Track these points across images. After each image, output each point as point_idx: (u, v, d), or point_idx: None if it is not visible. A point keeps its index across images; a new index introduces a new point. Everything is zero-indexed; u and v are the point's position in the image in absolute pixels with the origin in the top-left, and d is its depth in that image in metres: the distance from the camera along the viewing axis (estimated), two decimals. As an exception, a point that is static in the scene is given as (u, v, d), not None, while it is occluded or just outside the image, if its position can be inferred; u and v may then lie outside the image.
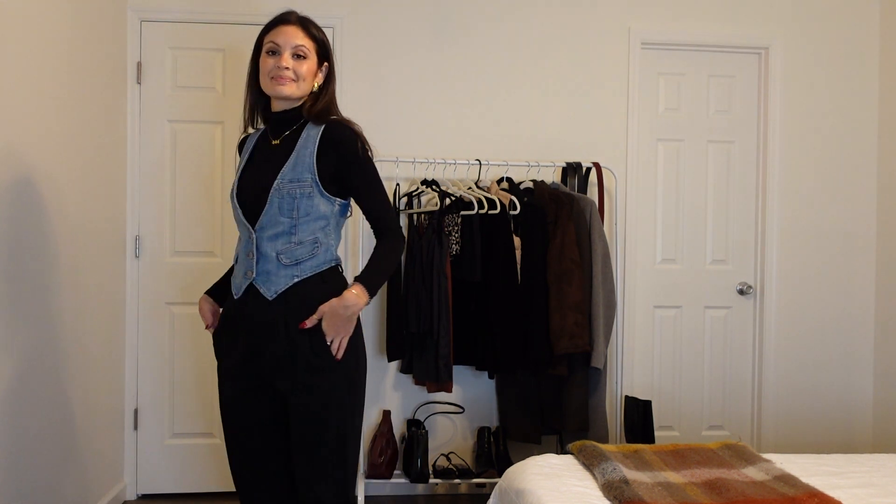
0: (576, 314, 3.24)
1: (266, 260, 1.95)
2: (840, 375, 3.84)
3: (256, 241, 1.95)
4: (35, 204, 2.50)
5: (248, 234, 1.97)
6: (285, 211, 1.93)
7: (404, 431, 3.55)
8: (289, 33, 1.98)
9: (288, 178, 1.94)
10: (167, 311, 3.51)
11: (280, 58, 1.96)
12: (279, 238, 1.94)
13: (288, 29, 1.98)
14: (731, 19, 3.76)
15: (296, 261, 1.94)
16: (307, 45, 1.98)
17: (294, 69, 1.96)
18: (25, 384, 2.45)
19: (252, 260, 1.95)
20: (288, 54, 1.96)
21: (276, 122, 2.04)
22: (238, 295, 1.98)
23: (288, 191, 1.93)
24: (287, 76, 1.96)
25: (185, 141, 3.51)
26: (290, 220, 1.93)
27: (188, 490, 3.53)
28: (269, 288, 1.94)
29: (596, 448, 2.40)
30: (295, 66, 1.96)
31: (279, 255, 1.94)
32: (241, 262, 2.00)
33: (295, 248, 1.94)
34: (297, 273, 1.94)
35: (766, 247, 3.78)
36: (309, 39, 1.99)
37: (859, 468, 2.42)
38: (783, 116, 3.78)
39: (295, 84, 1.97)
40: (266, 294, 1.94)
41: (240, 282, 1.99)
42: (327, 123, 2.00)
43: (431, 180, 3.44)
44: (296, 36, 1.98)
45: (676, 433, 3.78)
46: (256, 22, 3.47)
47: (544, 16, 3.66)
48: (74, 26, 2.83)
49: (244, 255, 1.99)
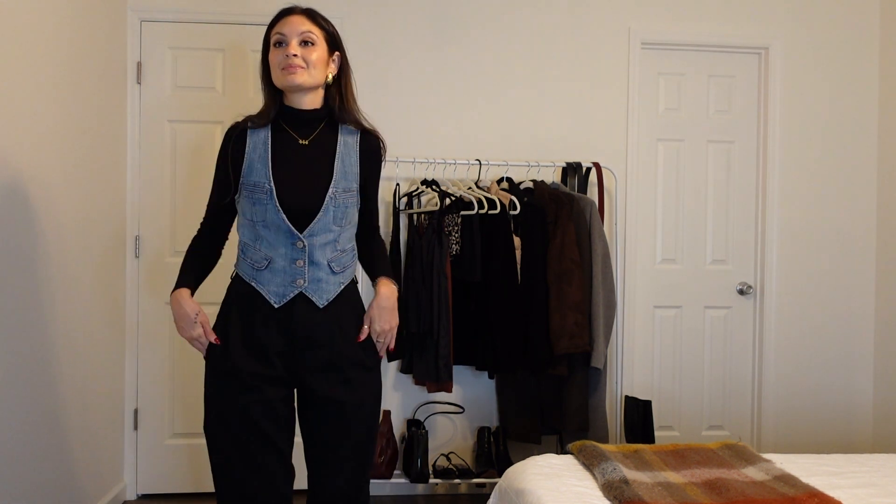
0: (576, 314, 3.24)
1: (318, 268, 1.91)
2: (840, 375, 3.84)
3: (308, 249, 1.90)
4: (35, 204, 2.50)
5: (292, 242, 1.89)
6: (338, 219, 1.92)
7: (404, 431, 3.55)
8: (294, 22, 1.91)
9: (342, 188, 1.92)
10: (167, 311, 3.51)
11: (288, 47, 1.89)
12: (328, 246, 1.92)
13: (293, 18, 1.92)
14: (731, 19, 3.76)
15: (343, 268, 1.96)
16: (315, 32, 1.92)
17: (303, 56, 1.89)
18: (25, 384, 2.45)
19: (302, 268, 1.90)
20: (296, 41, 1.89)
21: (300, 121, 1.97)
22: (280, 304, 1.90)
23: (343, 200, 1.92)
24: (297, 63, 1.89)
25: (185, 141, 3.51)
26: (339, 228, 1.93)
27: (188, 490, 3.53)
28: (322, 296, 1.92)
29: (596, 448, 2.40)
30: (304, 53, 1.89)
31: (330, 264, 1.93)
32: (282, 269, 1.90)
33: (341, 255, 1.96)
34: (342, 280, 1.97)
35: (766, 247, 3.78)
36: (316, 26, 1.93)
37: (859, 468, 2.42)
38: (783, 116, 3.78)
39: (306, 72, 1.90)
40: (318, 302, 1.92)
41: (282, 290, 1.90)
42: (362, 132, 2.01)
43: (431, 180, 3.44)
44: (302, 23, 1.91)
45: (676, 433, 3.78)
46: (256, 22, 3.49)
47: (544, 16, 3.66)
48: (74, 26, 2.83)
49: (287, 262, 1.90)
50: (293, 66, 1.88)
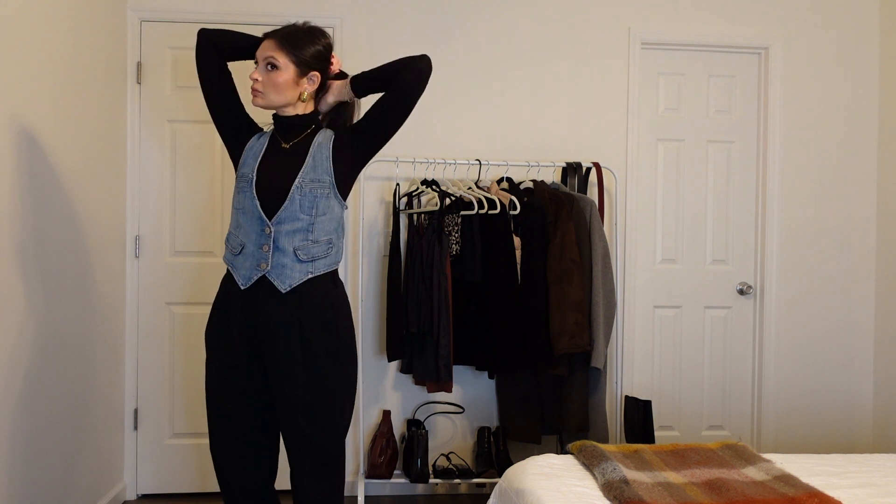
0: (576, 314, 3.24)
1: (282, 254, 2.05)
2: (840, 375, 3.84)
3: (274, 235, 2.04)
4: (34, 204, 2.50)
5: (261, 228, 2.06)
6: (305, 208, 2.05)
7: (404, 431, 3.55)
8: (263, 47, 2.10)
9: (309, 178, 2.07)
10: (167, 311, 3.51)
11: (254, 71, 2.09)
12: (297, 234, 2.05)
13: (264, 43, 2.11)
14: (731, 19, 3.76)
15: (312, 258, 2.07)
16: (278, 57, 2.07)
17: (266, 79, 2.07)
18: (25, 384, 2.45)
19: (267, 253, 2.05)
20: (261, 66, 2.09)
21: (284, 127, 2.16)
22: (246, 286, 2.06)
23: (310, 189, 2.06)
24: (255, 88, 2.09)
25: (185, 141, 3.51)
26: (309, 217, 2.06)
27: (188, 490, 3.53)
28: (284, 281, 2.05)
29: (596, 448, 2.40)
30: (266, 77, 2.07)
31: (297, 251, 2.05)
32: (251, 254, 2.07)
33: (311, 245, 2.07)
34: (311, 269, 2.07)
35: (766, 247, 3.78)
36: (281, 51, 2.07)
37: (859, 468, 2.42)
38: (783, 116, 3.78)
39: (263, 96, 2.08)
40: (280, 287, 2.05)
41: (248, 273, 2.07)
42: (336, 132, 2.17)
43: (431, 180, 3.44)
44: (267, 48, 2.08)
45: (676, 433, 3.78)
46: (256, 22, 3.50)
47: (544, 15, 3.66)
48: (74, 26, 2.83)
49: (255, 247, 2.06)
50: (253, 91, 2.10)
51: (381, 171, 3.46)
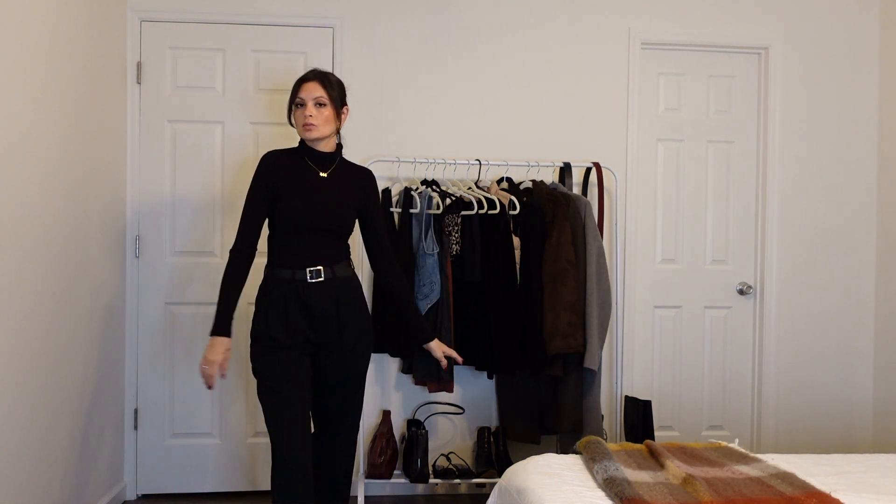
0: (569, 314, 3.23)
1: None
2: (840, 375, 3.84)
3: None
4: (34, 204, 2.50)
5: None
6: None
7: (404, 431, 3.54)
8: (310, 88, 2.51)
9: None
10: (167, 311, 3.51)
11: (305, 108, 2.49)
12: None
13: (309, 85, 2.51)
14: (731, 19, 3.76)
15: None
16: (324, 96, 2.50)
17: (315, 115, 2.49)
18: (25, 384, 2.45)
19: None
20: (311, 104, 2.49)
21: (319, 159, 2.57)
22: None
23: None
24: (311, 122, 2.49)
25: (185, 141, 3.51)
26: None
27: (188, 490, 3.52)
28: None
29: (601, 445, 2.40)
30: (317, 112, 2.49)
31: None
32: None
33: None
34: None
35: (766, 247, 3.78)
36: (325, 91, 2.50)
37: (859, 468, 2.42)
38: (783, 116, 3.78)
39: (316, 129, 2.50)
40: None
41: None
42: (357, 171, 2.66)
43: (431, 180, 3.44)
44: (315, 90, 2.50)
45: (676, 433, 3.78)
46: (256, 22, 3.50)
47: (544, 16, 3.66)
48: (74, 26, 2.83)
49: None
50: (308, 125, 2.50)
51: (382, 171, 3.45)
